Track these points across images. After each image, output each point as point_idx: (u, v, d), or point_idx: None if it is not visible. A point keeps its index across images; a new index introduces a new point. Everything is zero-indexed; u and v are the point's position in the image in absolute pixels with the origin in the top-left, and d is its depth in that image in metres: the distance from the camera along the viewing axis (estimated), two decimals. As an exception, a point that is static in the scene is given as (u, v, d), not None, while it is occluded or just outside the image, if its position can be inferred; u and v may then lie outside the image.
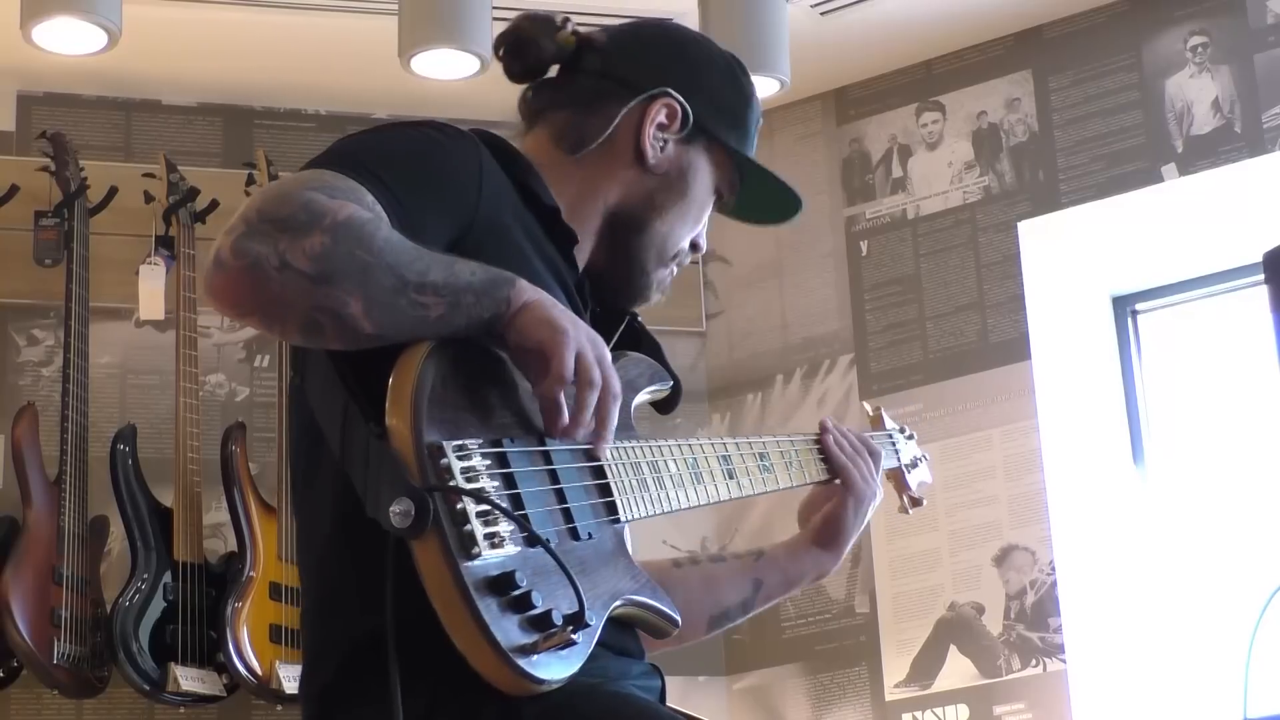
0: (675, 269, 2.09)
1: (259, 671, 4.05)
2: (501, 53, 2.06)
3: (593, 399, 1.74)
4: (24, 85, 4.54)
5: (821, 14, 4.43)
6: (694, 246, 2.10)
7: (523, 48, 2.04)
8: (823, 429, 2.26)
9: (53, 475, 4.10)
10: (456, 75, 4.16)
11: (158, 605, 4.08)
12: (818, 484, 2.26)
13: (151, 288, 4.36)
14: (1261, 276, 2.49)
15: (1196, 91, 4.38)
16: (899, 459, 2.45)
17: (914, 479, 2.48)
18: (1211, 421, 4.41)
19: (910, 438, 2.51)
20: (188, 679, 4.04)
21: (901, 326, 4.62)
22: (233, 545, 4.23)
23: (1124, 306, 4.51)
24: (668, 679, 1.91)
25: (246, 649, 4.06)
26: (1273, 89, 4.29)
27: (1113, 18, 4.50)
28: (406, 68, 4.10)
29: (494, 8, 4.04)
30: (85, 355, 4.18)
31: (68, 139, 4.39)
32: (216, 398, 4.48)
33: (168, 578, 4.11)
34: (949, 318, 4.57)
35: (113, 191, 4.38)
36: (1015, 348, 4.45)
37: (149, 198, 4.41)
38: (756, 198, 2.15)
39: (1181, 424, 4.43)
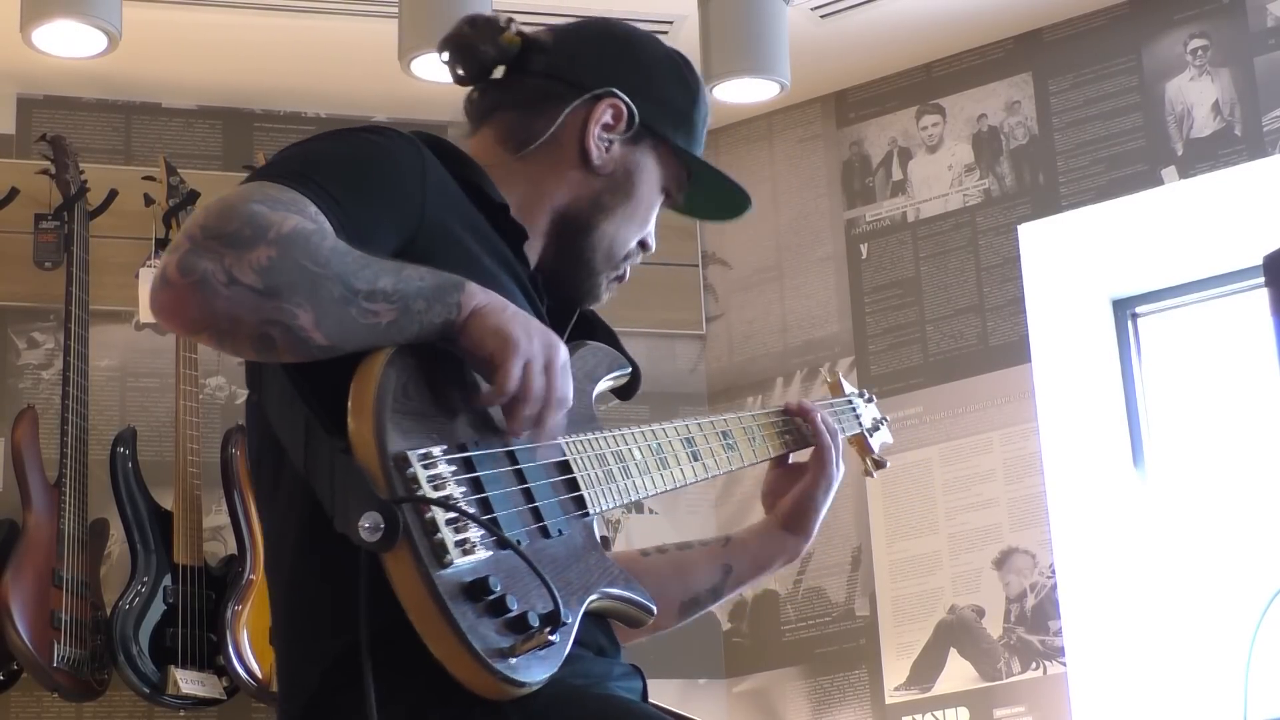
0: (626, 270, 2.08)
1: (259, 674, 4.05)
2: (445, 58, 2.04)
3: (530, 411, 1.73)
4: (24, 88, 4.54)
5: (821, 17, 4.43)
6: (643, 246, 2.09)
7: (465, 52, 2.03)
8: (800, 411, 2.26)
9: (53, 478, 4.10)
10: (456, 78, 4.15)
11: (158, 608, 4.08)
12: (775, 460, 2.26)
13: (152, 290, 4.36)
14: (1262, 279, 2.49)
15: (1196, 94, 4.39)
16: (860, 423, 2.45)
17: (876, 441, 2.48)
18: (1211, 424, 4.41)
19: (870, 401, 2.52)
20: (188, 682, 4.04)
21: (901, 329, 4.62)
22: (233, 548, 4.23)
23: (1124, 309, 4.51)
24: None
25: (246, 652, 4.06)
26: (1272, 92, 4.29)
27: (1113, 20, 4.50)
28: (406, 70, 4.10)
29: (494, 10, 4.04)
30: (85, 358, 4.18)
31: (68, 142, 4.39)
32: (216, 400, 4.49)
33: (168, 580, 4.11)
34: (949, 320, 4.57)
35: (113, 194, 4.38)
36: (1015, 351, 4.45)
37: (149, 200, 4.41)
38: (705, 195, 2.14)
39: (1181, 427, 4.43)
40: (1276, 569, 4.12)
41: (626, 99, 2.02)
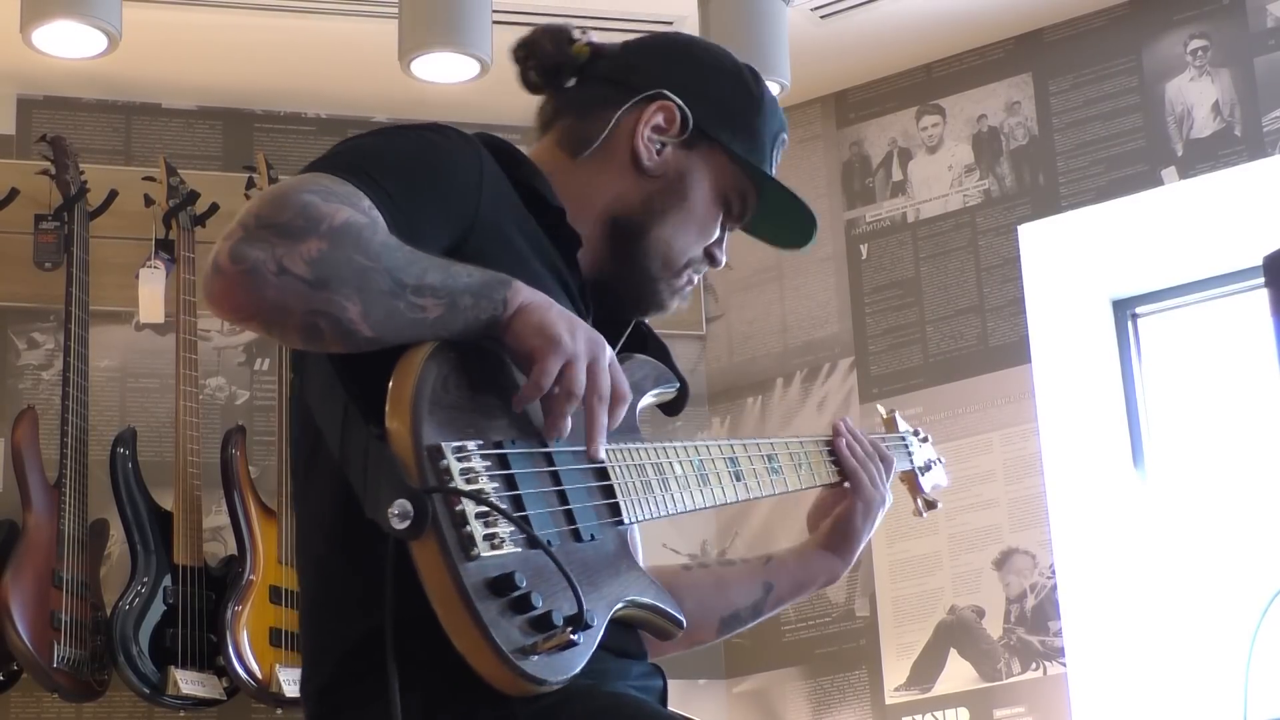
0: (691, 278, 2.07)
1: (259, 675, 4.05)
2: (519, 61, 2.06)
3: (568, 408, 1.72)
4: (24, 89, 4.54)
5: (821, 17, 4.43)
6: (710, 258, 2.08)
7: (537, 59, 2.05)
8: (836, 432, 2.26)
9: (53, 478, 4.10)
10: (456, 79, 4.16)
11: (158, 608, 4.08)
12: (826, 487, 2.25)
13: (151, 291, 4.36)
14: (1262, 280, 2.49)
15: (1196, 95, 4.39)
16: (912, 462, 2.45)
17: (928, 482, 2.47)
18: (1211, 425, 4.41)
19: (925, 440, 2.52)
20: (187, 682, 4.04)
21: (901, 330, 4.62)
22: (233, 548, 4.23)
23: (1124, 310, 4.51)
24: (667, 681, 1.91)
25: (246, 652, 4.06)
26: (1273, 92, 4.29)
27: (1113, 21, 4.50)
28: (406, 71, 4.10)
29: (494, 11, 4.04)
30: (85, 358, 4.17)
31: (68, 142, 4.38)
32: (216, 401, 4.49)
33: (168, 581, 4.11)
34: (949, 321, 4.57)
35: (113, 195, 4.38)
36: (1015, 351, 4.45)
37: (149, 201, 4.41)
38: (772, 214, 2.12)
39: (1181, 427, 4.43)
40: (1276, 569, 4.12)
41: (679, 101, 2.01)
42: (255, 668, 4.05)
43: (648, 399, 1.99)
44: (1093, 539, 4.32)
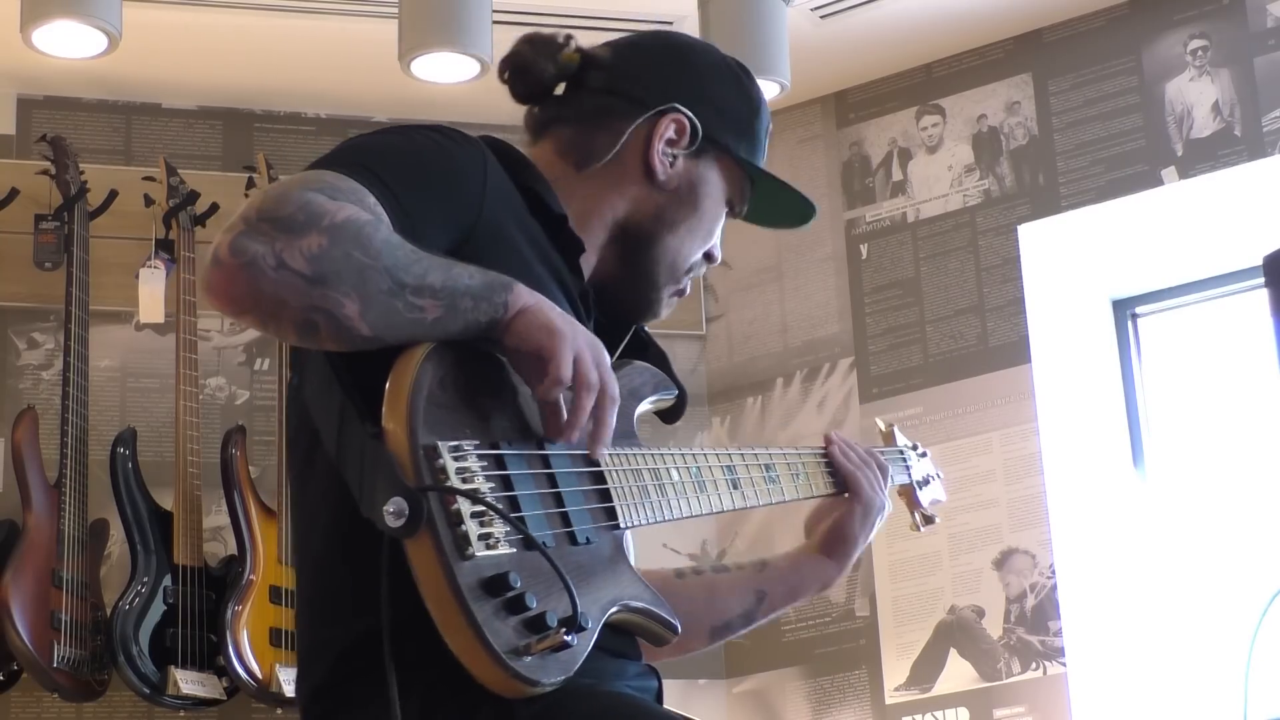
0: (688, 283, 2.08)
1: (259, 675, 4.05)
2: (505, 76, 2.05)
3: (589, 401, 1.73)
4: (24, 89, 4.54)
5: (821, 17, 4.43)
6: (709, 258, 2.09)
7: (525, 71, 2.04)
8: (827, 441, 2.26)
9: (53, 478, 4.10)
10: (456, 79, 4.16)
11: (158, 608, 4.08)
12: (823, 497, 2.25)
13: (151, 291, 4.36)
14: (1261, 280, 2.49)
15: (1196, 95, 4.39)
16: (910, 475, 2.44)
17: (925, 496, 2.46)
18: (1211, 425, 4.41)
19: (923, 455, 2.51)
20: (188, 682, 4.04)
21: (901, 330, 4.62)
22: (233, 548, 4.23)
23: (1124, 310, 4.50)
24: (667, 681, 1.91)
25: (246, 652, 4.06)
26: (1272, 92, 4.29)
27: (1112, 21, 4.50)
28: (406, 71, 4.10)
29: (494, 11, 4.04)
30: (85, 358, 4.18)
31: (68, 142, 4.39)
32: (216, 401, 4.49)
33: (168, 581, 4.11)
34: (949, 321, 4.57)
35: (113, 195, 4.38)
36: (1015, 351, 4.45)
37: (149, 201, 4.41)
38: (768, 203, 2.13)
39: (1181, 427, 4.43)
40: (1276, 569, 4.12)
41: (690, 114, 2.02)
42: (255, 668, 4.05)
43: (645, 405, 1.99)
44: (1093, 539, 4.32)
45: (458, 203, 1.81)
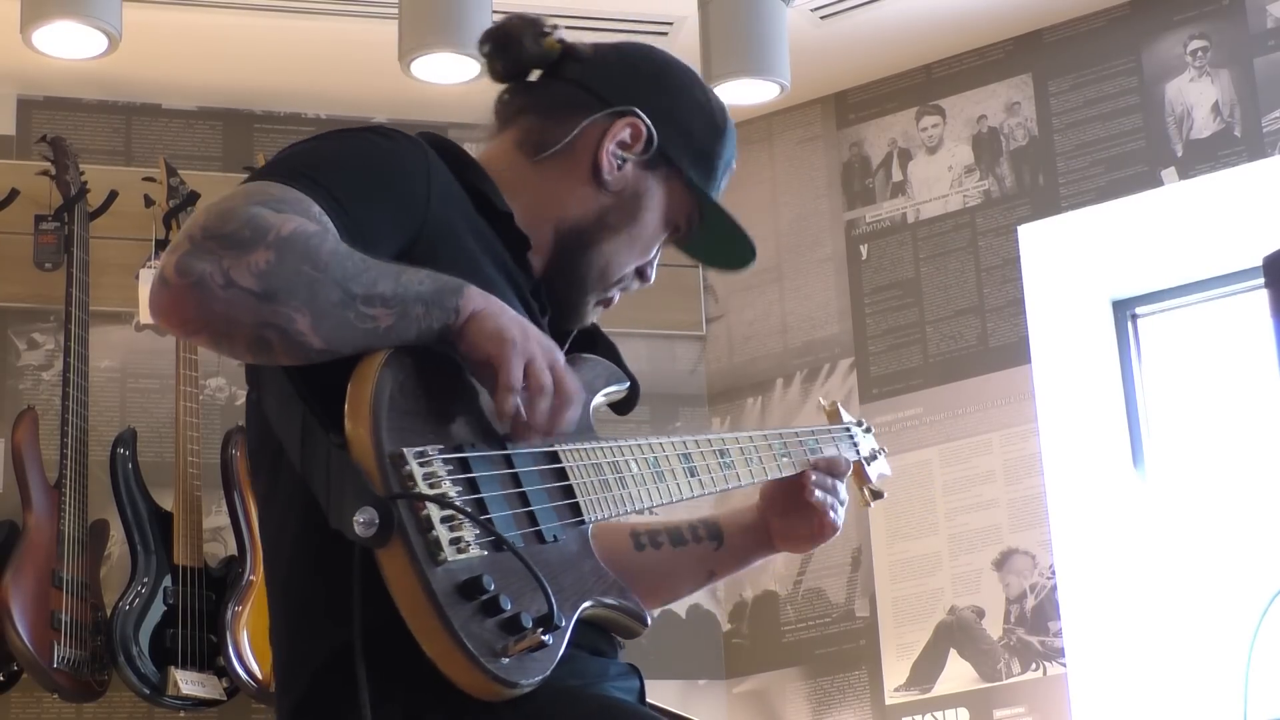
0: (616, 295, 2.06)
1: (259, 675, 4.05)
2: (486, 49, 2.05)
3: (544, 404, 1.73)
4: (24, 89, 4.54)
5: (821, 18, 4.43)
6: (640, 275, 2.07)
7: (507, 46, 2.03)
8: (806, 476, 2.25)
9: (53, 479, 4.10)
10: (456, 79, 4.16)
11: (158, 609, 4.08)
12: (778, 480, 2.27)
13: (152, 291, 4.36)
14: (1261, 280, 2.49)
15: (1196, 95, 4.39)
16: (858, 451, 2.45)
17: (873, 471, 2.48)
18: (1211, 425, 4.41)
19: (868, 430, 2.52)
20: (188, 683, 4.04)
21: (901, 330, 4.63)
22: (233, 549, 4.23)
23: (1124, 310, 4.51)
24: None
25: (246, 653, 4.06)
26: (1272, 93, 4.29)
27: (1112, 22, 4.51)
28: (406, 71, 4.10)
29: (494, 11, 4.04)
30: (85, 359, 4.18)
31: (68, 143, 4.39)
32: (216, 401, 4.49)
33: (168, 581, 4.11)
34: (949, 321, 4.57)
35: (113, 195, 4.38)
36: (1015, 352, 4.45)
37: (149, 201, 4.41)
38: (710, 240, 2.12)
39: (1181, 428, 4.43)
40: (1276, 569, 4.13)
41: (648, 121, 2.01)
42: (255, 668, 4.06)
43: (599, 398, 1.99)
44: (1093, 539, 4.32)
45: (404, 204, 1.80)
